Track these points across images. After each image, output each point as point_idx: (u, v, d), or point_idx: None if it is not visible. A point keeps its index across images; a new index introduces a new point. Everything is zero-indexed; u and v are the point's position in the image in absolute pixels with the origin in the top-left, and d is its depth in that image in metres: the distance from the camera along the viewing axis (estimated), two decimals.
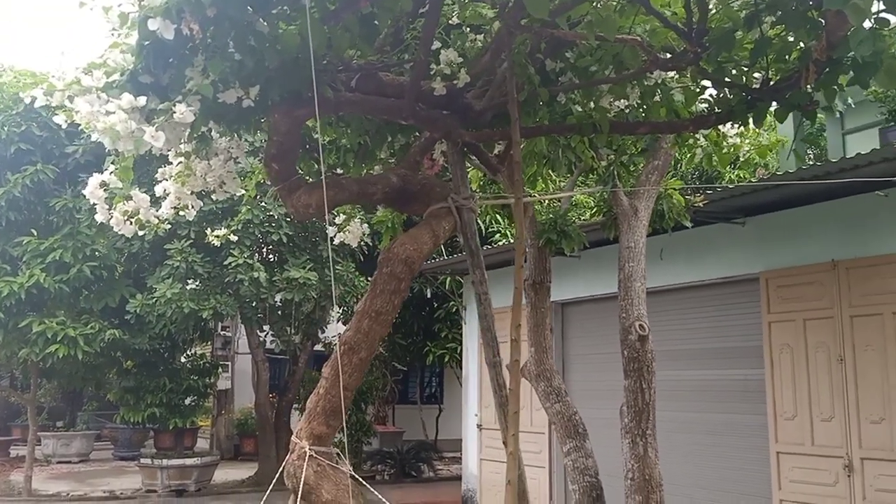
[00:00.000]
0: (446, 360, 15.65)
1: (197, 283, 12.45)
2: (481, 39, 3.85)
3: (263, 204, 11.78)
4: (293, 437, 3.76)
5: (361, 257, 13.67)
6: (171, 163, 4.47)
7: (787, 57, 3.08)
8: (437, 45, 3.55)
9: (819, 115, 4.42)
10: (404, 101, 3.69)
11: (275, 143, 3.87)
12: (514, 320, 3.20)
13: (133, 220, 4.21)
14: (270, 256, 13.59)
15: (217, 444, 19.48)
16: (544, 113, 4.23)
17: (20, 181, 12.60)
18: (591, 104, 4.32)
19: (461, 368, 17.33)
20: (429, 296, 14.85)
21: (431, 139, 4.33)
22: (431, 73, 3.63)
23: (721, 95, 3.79)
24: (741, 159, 4.02)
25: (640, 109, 3.87)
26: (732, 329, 8.33)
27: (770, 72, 3.13)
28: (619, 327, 5.50)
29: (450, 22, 3.92)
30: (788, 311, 7.71)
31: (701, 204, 6.39)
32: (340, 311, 15.17)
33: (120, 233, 4.16)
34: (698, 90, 3.47)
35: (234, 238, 5.63)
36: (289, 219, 12.46)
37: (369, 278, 13.37)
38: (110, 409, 18.49)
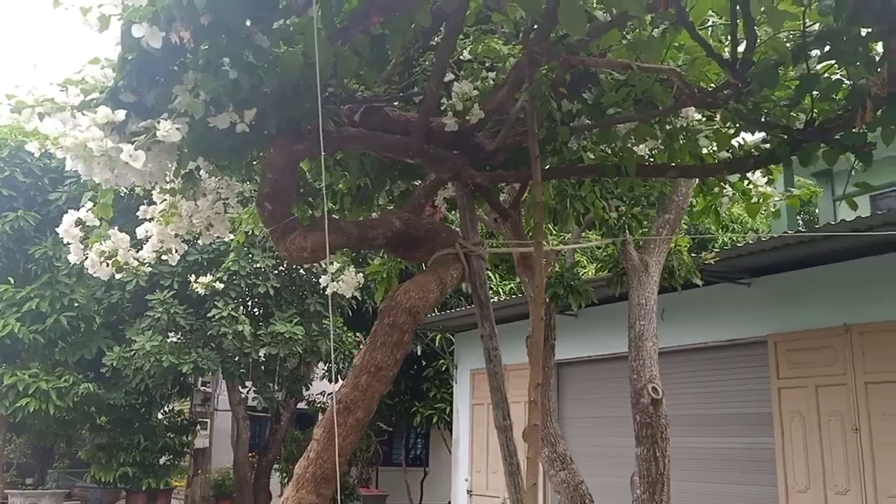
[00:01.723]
0: (434, 421, 15.11)
1: (178, 335, 12.00)
2: (493, 77, 3.59)
3: (251, 254, 11.42)
4: None
5: (350, 311, 13.27)
6: (155, 202, 4.14)
7: (834, 95, 2.82)
8: (448, 77, 3.28)
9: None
10: (412, 138, 3.40)
11: (269, 180, 3.54)
12: (532, 380, 2.85)
13: (110, 262, 3.84)
14: (255, 309, 13.17)
15: None
16: (554, 159, 3.96)
17: (0, 227, 12.21)
18: (608, 148, 4.07)
19: (450, 430, 16.80)
20: (419, 353, 14.41)
21: (437, 182, 4.04)
22: (442, 108, 3.35)
23: (743, 139, 3.54)
24: (772, 210, 3.74)
25: (663, 154, 3.60)
26: (739, 394, 7.97)
27: (814, 111, 2.86)
28: (630, 390, 5.15)
29: (461, 57, 3.66)
30: (799, 376, 7.38)
31: (712, 261, 6.10)
32: (325, 367, 14.70)
33: (95, 275, 3.79)
34: (731, 132, 3.20)
35: (220, 286, 5.28)
36: (276, 271, 12.10)
37: (358, 333, 13.08)
38: (81, 468, 17.70)
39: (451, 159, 3.53)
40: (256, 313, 12.64)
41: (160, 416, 15.18)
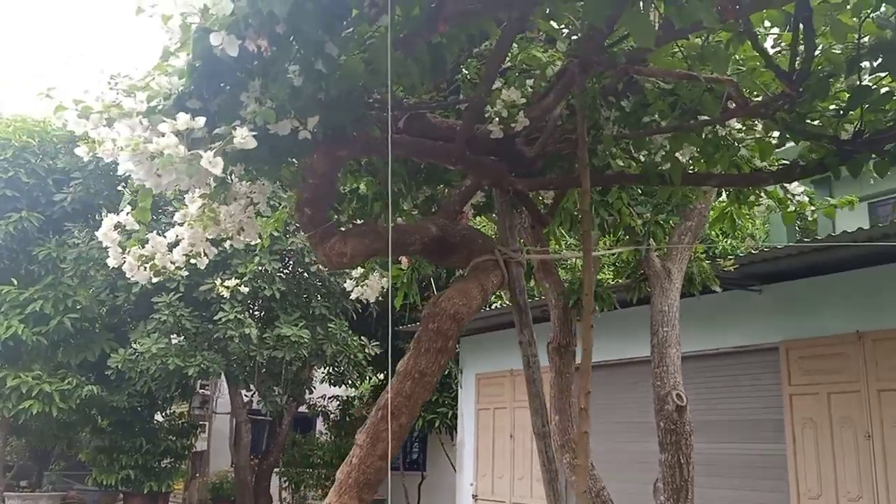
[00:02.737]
0: (436, 425, 15.09)
1: (181, 338, 11.96)
2: (531, 84, 3.61)
3: (257, 257, 11.40)
4: None
5: (354, 315, 13.26)
6: (186, 206, 4.14)
7: (884, 107, 2.85)
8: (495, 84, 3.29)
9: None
10: (455, 145, 3.41)
11: (310, 186, 3.56)
12: (583, 387, 2.86)
13: (148, 266, 3.84)
14: (257, 312, 13.12)
15: None
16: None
17: (3, 228, 12.15)
18: (640, 156, 4.09)
19: (450, 435, 16.79)
20: None
21: (473, 188, 4.05)
22: (485, 115, 3.37)
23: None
24: (809, 219, 3.78)
25: (700, 163, 3.62)
26: (750, 401, 8.01)
27: (863, 122, 2.90)
28: (654, 396, 5.17)
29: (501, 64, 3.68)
30: (811, 383, 7.42)
31: (731, 269, 6.14)
32: (326, 371, 14.66)
33: (133, 279, 3.79)
34: (775, 142, 3.22)
35: (244, 290, 5.26)
36: (282, 274, 12.08)
37: (363, 337, 13.05)
38: (78, 470, 17.59)
39: (493, 166, 3.55)
40: (261, 316, 12.60)
41: (160, 418, 15.12)
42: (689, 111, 3.19)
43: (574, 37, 3.13)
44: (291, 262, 12.41)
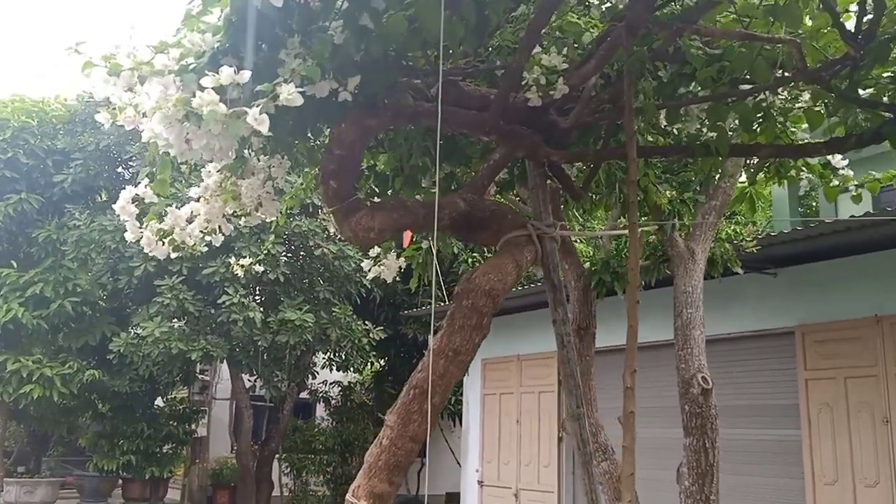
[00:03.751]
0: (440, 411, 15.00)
1: (184, 321, 11.81)
2: (566, 52, 3.47)
3: (262, 240, 11.25)
4: (348, 497, 3.21)
5: (358, 300, 13.14)
6: (202, 180, 4.00)
7: None
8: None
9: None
10: (489, 114, 3.27)
11: (335, 157, 3.41)
12: (628, 365, 2.75)
13: (166, 241, 3.70)
14: (259, 297, 12.98)
15: (189, 495, 18.45)
16: (611, 141, 3.86)
17: (2, 210, 11.98)
18: (674, 130, 3.97)
19: (452, 421, 16.71)
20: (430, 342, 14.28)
21: (502, 161, 3.91)
22: (522, 82, 3.23)
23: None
24: (853, 194, 3.66)
25: (741, 134, 3.49)
26: (765, 386, 7.91)
27: None
28: (678, 379, 5.06)
29: None
30: (827, 367, 7.32)
31: (754, 250, 6.03)
32: (327, 357, 14.54)
33: (151, 254, 3.66)
34: (823, 111, 3.09)
35: (259, 269, 5.14)
36: (287, 256, 11.93)
37: (367, 322, 12.92)
38: (78, 455, 17.48)
39: (528, 137, 3.41)
40: (264, 300, 12.46)
41: (161, 403, 15.00)
42: (734, 80, 3.06)
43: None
44: (295, 246, 12.25)
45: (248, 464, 14.69)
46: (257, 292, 12.54)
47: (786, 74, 2.97)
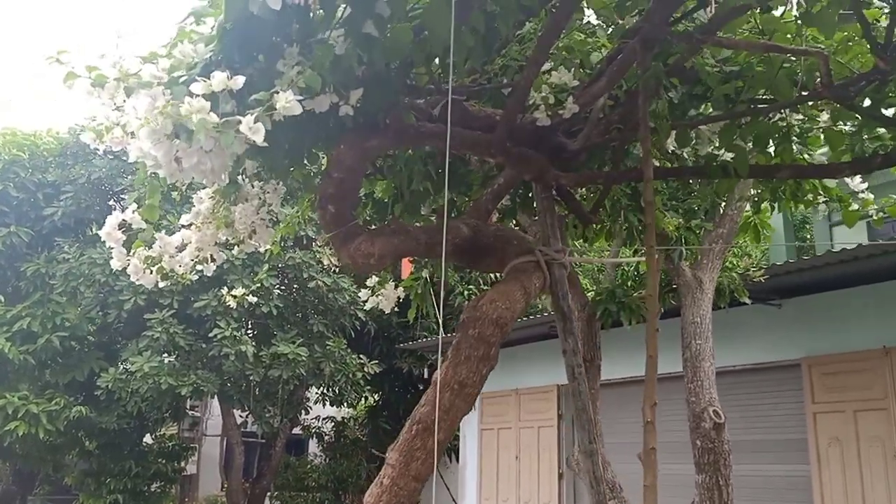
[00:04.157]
0: None
1: (174, 356, 11.54)
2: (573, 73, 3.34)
3: (254, 272, 11.05)
4: None
5: (353, 333, 12.91)
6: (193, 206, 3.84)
7: None
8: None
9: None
10: (496, 134, 3.13)
11: (334, 180, 3.25)
12: (648, 397, 2.56)
13: (154, 269, 3.53)
14: (251, 330, 12.73)
15: None
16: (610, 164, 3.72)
17: None
18: (684, 152, 3.84)
19: (448, 456, 16.35)
20: (426, 376, 14.04)
21: (505, 186, 3.77)
22: (530, 102, 3.09)
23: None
24: (874, 218, 3.51)
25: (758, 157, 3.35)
26: (771, 420, 7.72)
27: None
28: (688, 413, 4.88)
29: None
30: (835, 400, 7.15)
31: (762, 279, 5.88)
32: (320, 391, 14.25)
33: (138, 283, 3.47)
34: (844, 131, 2.96)
35: (252, 300, 4.96)
36: (280, 289, 11.72)
37: (362, 355, 12.68)
38: (64, 494, 17.03)
39: (535, 158, 3.26)
40: (257, 334, 12.22)
41: (150, 440, 14.64)
42: (752, 99, 2.93)
43: (632, 15, 2.86)
44: (288, 278, 12.05)
45: (238, 502, 14.30)
46: (250, 326, 12.30)
47: (804, 93, 2.84)
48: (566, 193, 3.47)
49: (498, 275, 3.72)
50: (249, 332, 12.56)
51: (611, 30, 3.43)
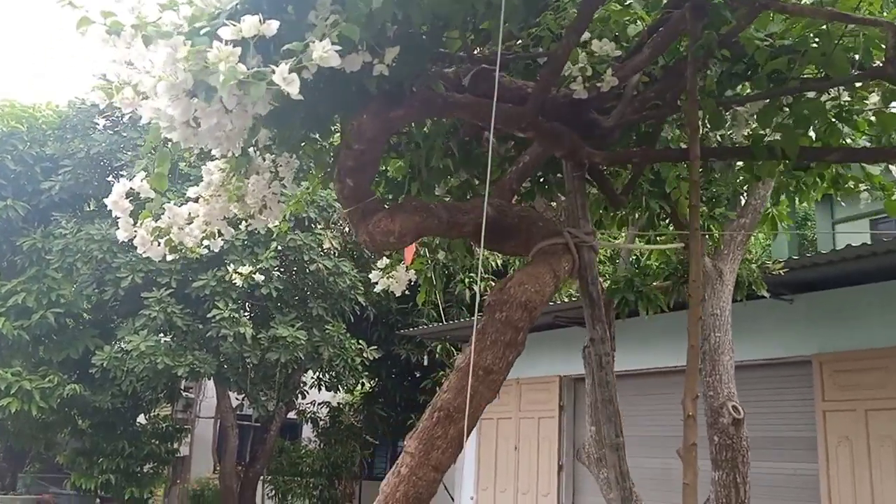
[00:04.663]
0: None
1: (171, 336, 11.36)
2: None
3: (255, 253, 10.87)
4: None
5: (352, 318, 12.74)
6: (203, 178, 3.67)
7: None
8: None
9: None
10: (528, 107, 2.96)
11: (354, 153, 3.07)
12: (689, 390, 2.41)
13: (163, 241, 3.36)
14: (249, 314, 12.56)
15: None
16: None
17: None
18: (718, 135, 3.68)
19: None
20: (425, 363, 13.88)
21: (530, 164, 3.60)
22: (566, 74, 2.92)
23: None
24: None
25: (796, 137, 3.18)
26: (780, 417, 7.58)
27: None
28: (706, 408, 4.73)
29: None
30: (846, 399, 7.01)
31: (781, 272, 5.73)
32: (316, 376, 14.10)
33: (145, 255, 3.30)
34: None
35: (259, 278, 4.79)
36: (280, 271, 11.54)
37: (360, 341, 12.52)
38: (56, 473, 16.88)
39: (568, 134, 3.09)
40: (255, 316, 12.05)
41: (143, 421, 14.49)
42: (795, 77, 2.76)
43: None
44: (288, 260, 11.87)
45: (231, 485, 14.18)
46: (248, 308, 12.14)
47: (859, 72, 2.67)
48: (598, 173, 3.30)
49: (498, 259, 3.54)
50: (248, 314, 12.40)
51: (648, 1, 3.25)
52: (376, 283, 4.65)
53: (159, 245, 3.37)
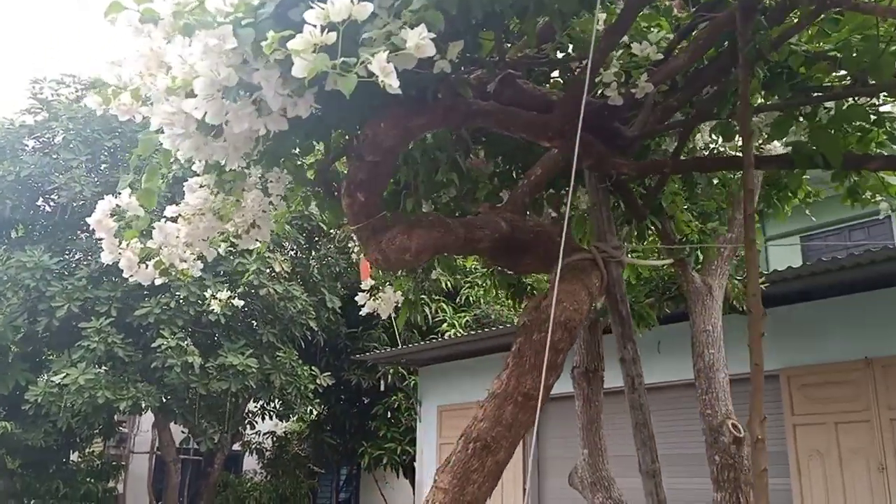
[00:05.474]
0: (384, 462, 14.17)
1: (110, 368, 10.72)
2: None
3: (202, 279, 10.40)
4: None
5: (303, 343, 12.33)
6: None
7: None
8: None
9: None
10: (557, 115, 2.79)
11: (366, 165, 2.84)
12: (757, 409, 2.26)
13: (151, 263, 3.06)
14: (194, 341, 11.98)
15: None
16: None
17: None
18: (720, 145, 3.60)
19: (396, 473, 15.81)
20: (382, 388, 13.51)
21: (543, 176, 3.43)
22: (597, 79, 2.77)
23: None
24: None
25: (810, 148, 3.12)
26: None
27: None
28: (704, 426, 4.61)
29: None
30: (816, 412, 7.05)
31: (763, 287, 5.69)
32: (260, 405, 13.60)
33: (133, 279, 2.99)
34: None
35: (237, 303, 4.48)
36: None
37: (314, 367, 12.10)
38: None
39: (596, 144, 2.94)
40: (202, 344, 11.52)
41: (76, 459, 13.67)
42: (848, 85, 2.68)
43: None
44: (237, 285, 11.41)
45: None
46: (194, 335, 11.61)
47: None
48: (622, 184, 3.15)
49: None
50: (194, 342, 11.85)
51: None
52: (362, 305, 4.39)
53: (147, 268, 3.07)
